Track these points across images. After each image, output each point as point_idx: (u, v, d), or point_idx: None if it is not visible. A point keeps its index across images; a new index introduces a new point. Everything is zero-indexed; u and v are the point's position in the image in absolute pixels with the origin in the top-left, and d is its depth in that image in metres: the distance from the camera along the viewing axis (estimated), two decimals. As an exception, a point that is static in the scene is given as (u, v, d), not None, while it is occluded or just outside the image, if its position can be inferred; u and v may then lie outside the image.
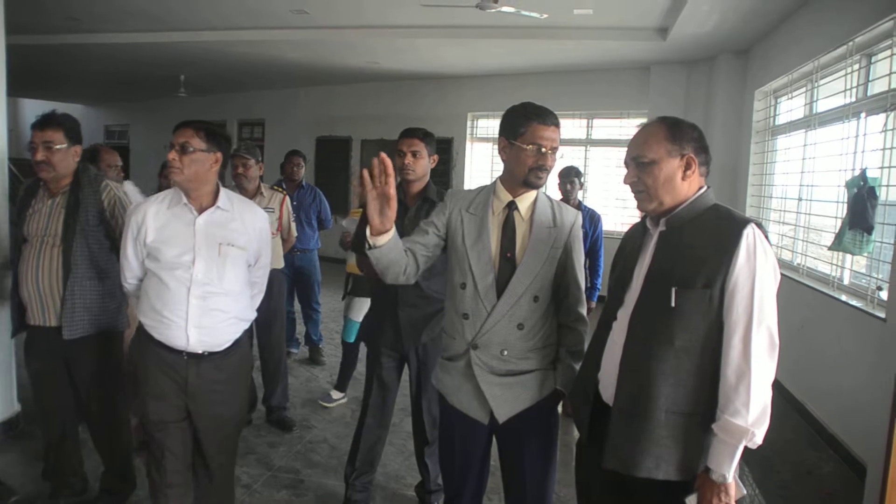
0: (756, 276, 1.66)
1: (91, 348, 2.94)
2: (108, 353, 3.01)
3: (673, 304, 1.72)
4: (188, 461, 2.58)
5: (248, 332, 2.66)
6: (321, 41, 8.12)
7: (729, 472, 1.68)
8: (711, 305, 1.70)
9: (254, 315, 2.69)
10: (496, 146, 2.29)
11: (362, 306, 4.61)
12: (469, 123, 10.56)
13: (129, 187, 3.98)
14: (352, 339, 4.73)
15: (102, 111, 16.50)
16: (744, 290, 1.66)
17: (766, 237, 1.71)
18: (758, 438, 1.65)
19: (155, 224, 2.42)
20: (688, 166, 1.80)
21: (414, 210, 3.00)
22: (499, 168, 2.29)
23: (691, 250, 1.75)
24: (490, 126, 10.39)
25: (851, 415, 4.02)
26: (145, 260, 2.45)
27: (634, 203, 1.90)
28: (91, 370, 2.98)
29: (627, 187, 1.90)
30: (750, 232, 1.68)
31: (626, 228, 9.38)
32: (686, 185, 1.81)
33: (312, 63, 9.57)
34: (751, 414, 1.63)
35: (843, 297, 4.37)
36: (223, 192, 2.52)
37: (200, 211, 2.45)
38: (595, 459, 1.89)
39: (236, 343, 2.55)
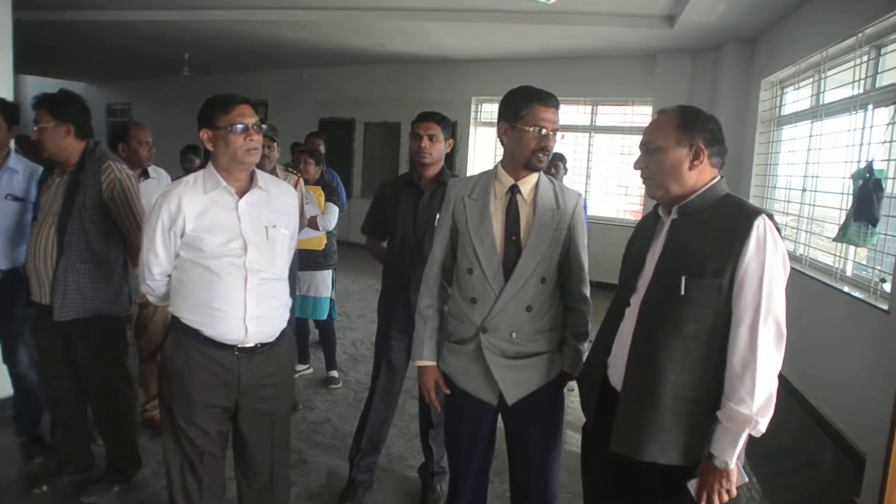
0: (765, 267, 1.67)
1: (87, 331, 2.92)
2: (106, 337, 3.00)
3: (682, 293, 1.73)
4: (223, 464, 2.47)
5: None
6: (328, 22, 8.08)
7: (731, 458, 1.70)
8: (720, 295, 1.71)
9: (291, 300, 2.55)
10: (499, 131, 2.31)
11: (325, 280, 4.73)
12: (473, 108, 10.53)
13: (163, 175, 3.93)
14: (324, 317, 4.81)
15: (104, 89, 16.42)
16: (752, 280, 1.68)
17: (778, 229, 1.72)
18: (761, 427, 1.68)
19: (193, 211, 2.22)
20: (696, 156, 1.80)
21: (428, 194, 3.01)
22: (502, 152, 2.31)
23: (702, 239, 1.76)
24: (494, 111, 10.19)
25: (851, 406, 4.05)
26: (181, 251, 2.26)
27: (636, 191, 1.92)
28: (87, 352, 2.97)
29: (629, 175, 1.92)
30: (761, 223, 1.69)
31: (627, 216, 9.35)
32: (694, 174, 1.82)
33: (318, 44, 9.53)
34: (755, 403, 1.66)
35: (846, 289, 4.39)
36: (257, 171, 2.38)
37: (240, 194, 2.30)
38: (600, 443, 1.92)
39: (283, 332, 2.43)
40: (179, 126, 12.54)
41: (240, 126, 2.22)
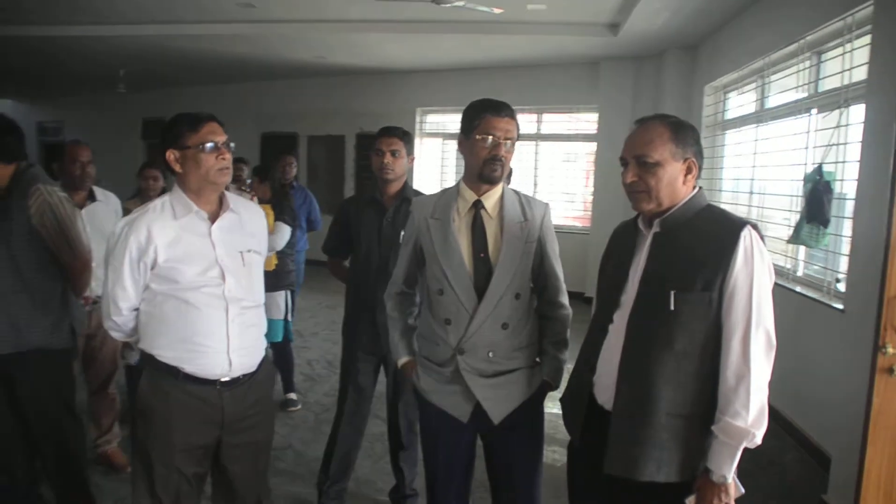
0: (754, 278, 1.67)
1: (26, 367, 2.71)
2: (47, 371, 2.78)
3: (672, 308, 1.71)
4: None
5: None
6: (268, 35, 7.94)
7: (729, 472, 1.69)
8: (710, 308, 1.69)
9: None
10: (445, 142, 2.29)
11: (276, 302, 4.62)
12: (418, 118, 10.41)
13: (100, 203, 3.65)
14: (278, 339, 4.69)
15: (33, 107, 15.82)
16: (742, 292, 1.67)
17: (762, 238, 1.72)
18: (758, 439, 1.67)
19: (164, 240, 2.07)
20: (689, 170, 1.79)
21: (392, 211, 2.95)
22: (448, 164, 2.29)
23: (688, 253, 1.74)
24: (439, 121, 10.27)
25: (811, 405, 4.11)
26: (152, 283, 2.10)
27: (579, 198, 1.89)
28: (28, 390, 2.75)
29: (574, 182, 1.89)
30: (747, 234, 1.68)
31: (570, 222, 9.30)
32: (685, 188, 1.81)
33: (258, 58, 9.35)
34: (750, 415, 1.65)
35: (799, 289, 4.47)
36: (226, 192, 2.25)
37: (212, 218, 2.17)
38: (589, 462, 1.88)
39: (262, 359, 2.31)
40: (115, 144, 12.18)
41: (210, 144, 2.11)
